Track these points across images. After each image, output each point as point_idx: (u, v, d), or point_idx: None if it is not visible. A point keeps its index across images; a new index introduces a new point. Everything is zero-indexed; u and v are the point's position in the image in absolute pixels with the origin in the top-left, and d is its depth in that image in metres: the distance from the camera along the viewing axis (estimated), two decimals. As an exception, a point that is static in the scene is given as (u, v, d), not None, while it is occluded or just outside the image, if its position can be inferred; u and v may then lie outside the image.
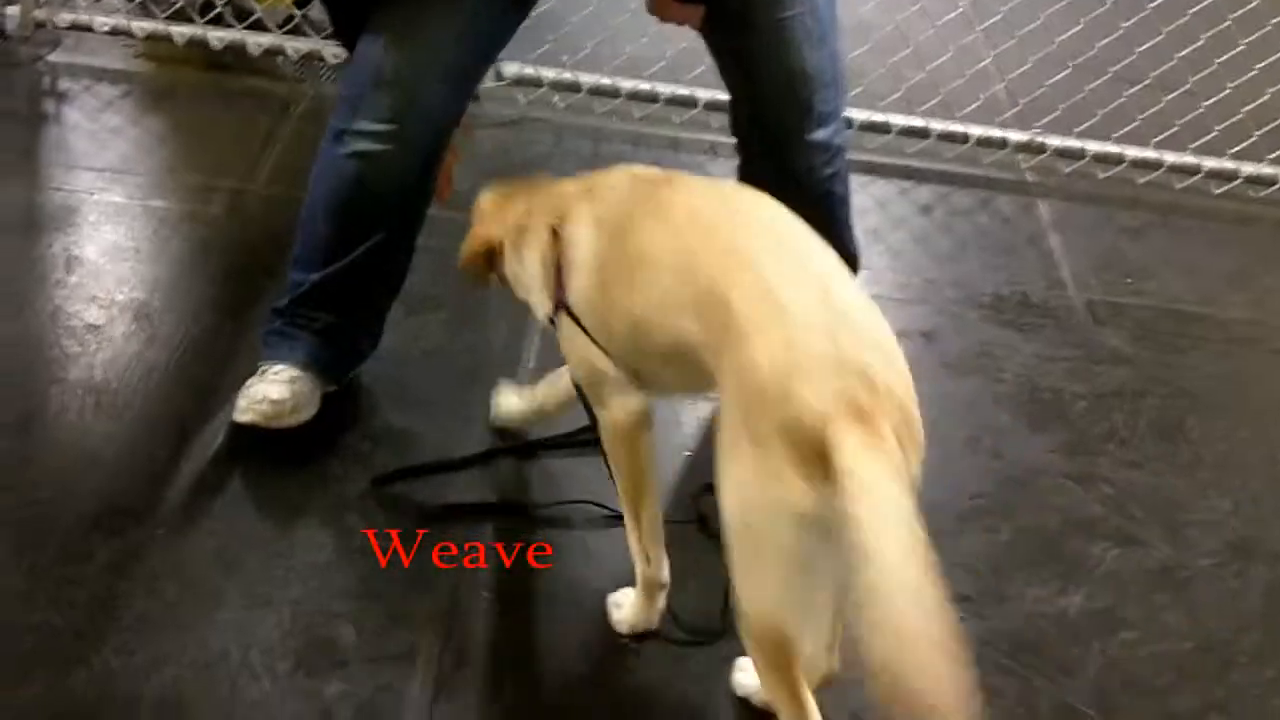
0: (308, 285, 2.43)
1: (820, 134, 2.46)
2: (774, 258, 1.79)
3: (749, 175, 2.56)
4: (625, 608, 2.18)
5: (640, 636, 2.16)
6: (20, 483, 2.30)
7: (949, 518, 2.49)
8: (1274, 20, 3.75)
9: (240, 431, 2.39)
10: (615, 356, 2.00)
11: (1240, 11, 3.79)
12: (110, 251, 2.88)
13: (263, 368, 2.45)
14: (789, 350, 1.66)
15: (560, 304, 2.05)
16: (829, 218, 2.59)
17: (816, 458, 1.61)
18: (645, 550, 2.12)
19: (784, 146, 2.47)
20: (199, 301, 2.77)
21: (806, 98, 2.42)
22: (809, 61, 2.38)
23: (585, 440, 2.40)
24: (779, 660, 1.80)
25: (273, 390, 2.39)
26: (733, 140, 2.54)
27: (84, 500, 2.27)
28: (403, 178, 2.36)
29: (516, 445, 2.51)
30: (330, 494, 2.36)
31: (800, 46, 2.36)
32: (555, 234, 2.06)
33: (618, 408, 2.05)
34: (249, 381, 2.43)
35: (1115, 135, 3.71)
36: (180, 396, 2.51)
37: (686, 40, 2.53)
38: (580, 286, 2.01)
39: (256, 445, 2.40)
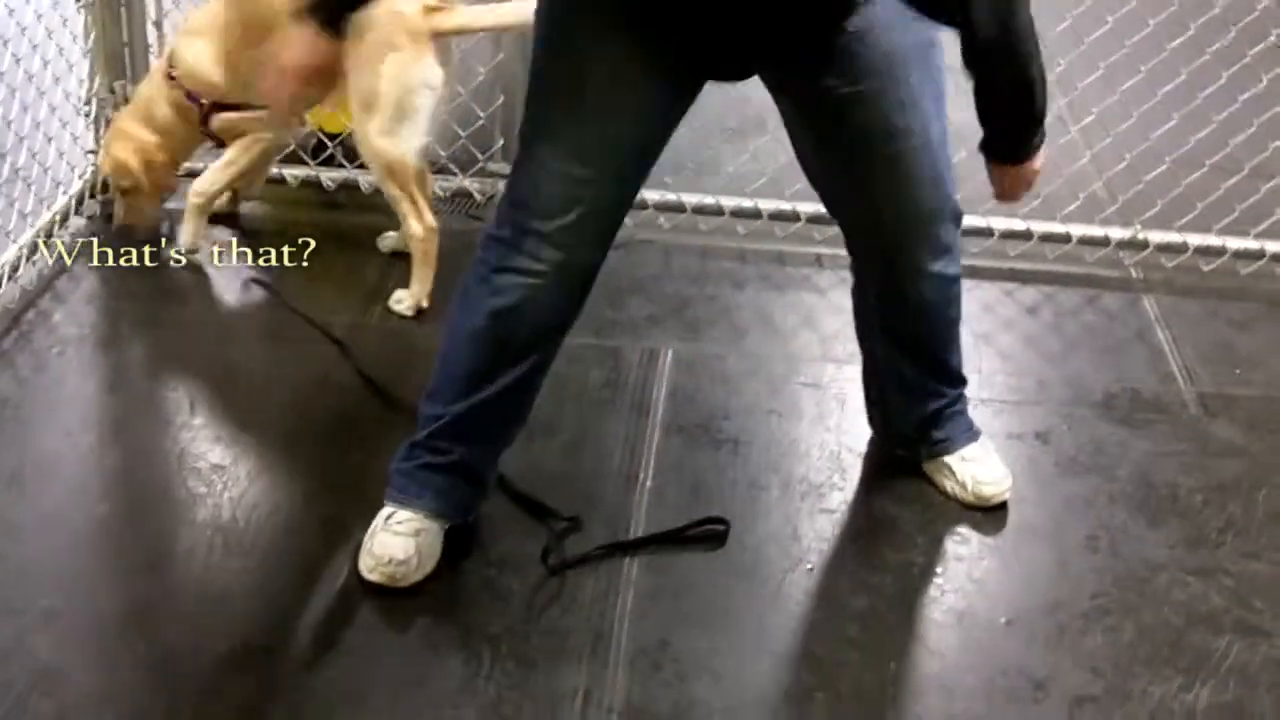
0: (447, 418, 2.45)
1: (937, 266, 2.52)
2: None
3: (862, 295, 2.63)
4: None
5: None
6: (151, 625, 2.36)
7: (1072, 617, 2.48)
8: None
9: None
10: None
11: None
12: (231, 392, 2.98)
13: (388, 511, 2.49)
14: None
15: None
16: (941, 342, 2.64)
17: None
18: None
19: (901, 277, 2.53)
20: (321, 437, 2.85)
21: (927, 232, 2.47)
22: (928, 195, 2.41)
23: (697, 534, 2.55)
24: (409, 181, 3.22)
25: (398, 549, 2.43)
26: (838, 251, 2.59)
27: (215, 639, 2.33)
28: (557, 312, 2.41)
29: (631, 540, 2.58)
30: (458, 622, 2.40)
31: (920, 180, 2.39)
32: None
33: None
34: (373, 528, 2.48)
35: (1217, 227, 3.70)
36: (307, 531, 2.57)
37: (786, 155, 2.59)
38: None
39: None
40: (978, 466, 2.73)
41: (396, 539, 2.45)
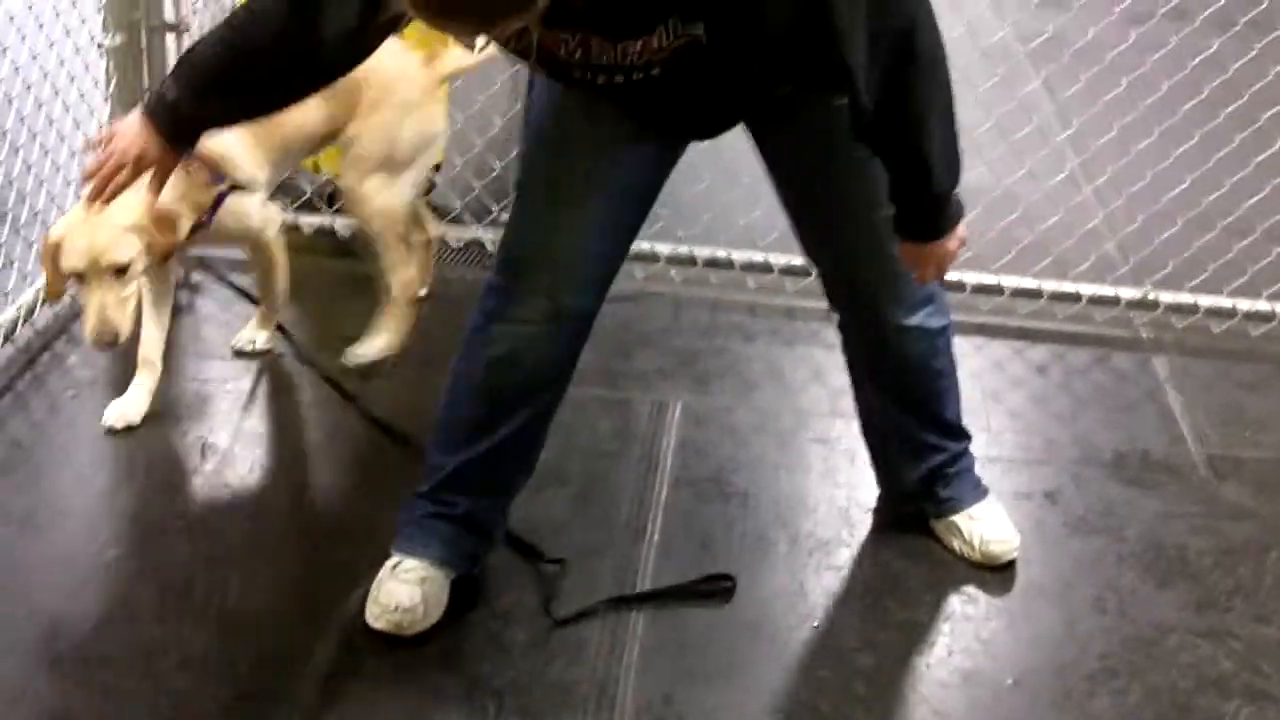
0: (451, 469, 2.47)
1: (916, 319, 2.55)
2: None
3: (850, 347, 2.65)
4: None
5: None
6: (159, 669, 2.36)
7: (1078, 679, 2.47)
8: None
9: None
10: None
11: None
12: (244, 438, 2.99)
13: (396, 560, 2.49)
14: None
15: None
16: (932, 395, 2.66)
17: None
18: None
19: (881, 331, 2.57)
20: (334, 483, 2.86)
21: (903, 289, 2.50)
22: (899, 259, 2.40)
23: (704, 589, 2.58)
24: (408, 229, 3.28)
25: (404, 596, 2.44)
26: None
27: (223, 685, 2.33)
28: (553, 362, 2.43)
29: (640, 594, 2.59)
30: (464, 673, 2.39)
31: (894, 244, 2.38)
32: None
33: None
34: (381, 576, 2.48)
35: (1228, 289, 3.71)
36: (317, 576, 2.58)
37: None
38: None
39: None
40: (985, 525, 2.73)
41: (403, 587, 2.45)
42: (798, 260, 3.66)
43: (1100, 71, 3.92)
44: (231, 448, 2.96)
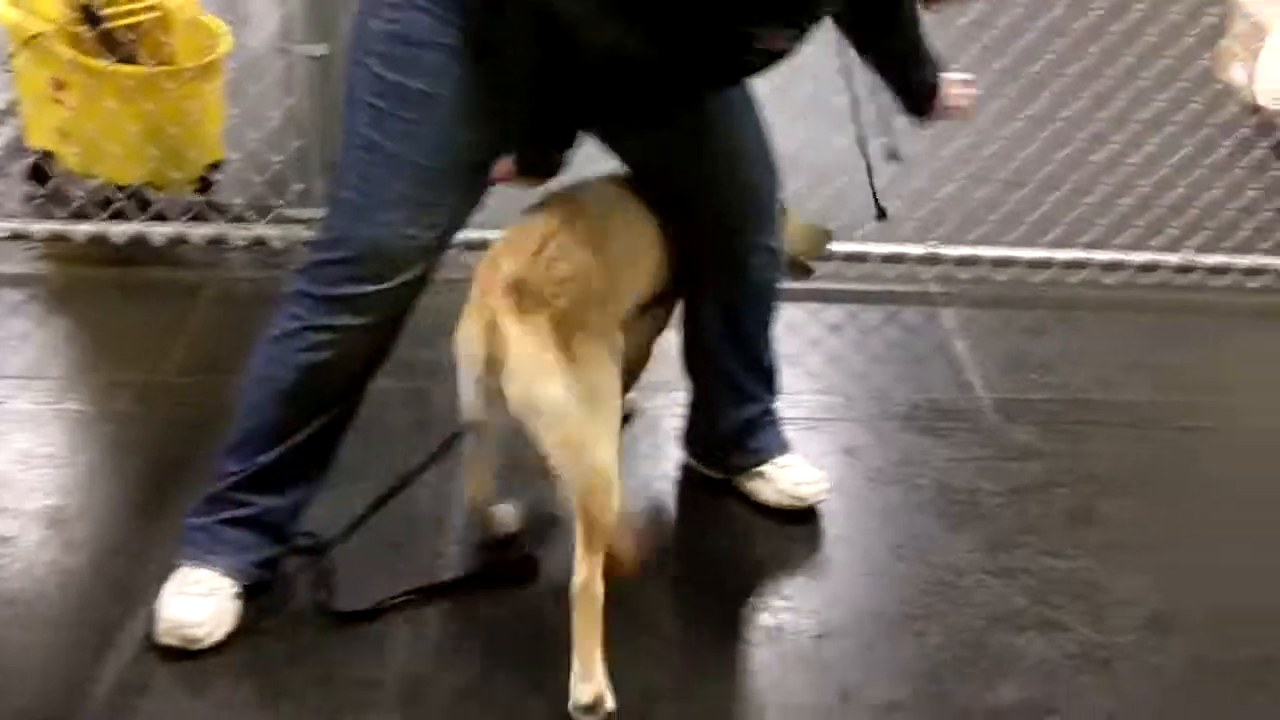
0: (251, 469, 2.38)
1: (766, 239, 2.65)
2: None
3: (698, 282, 2.68)
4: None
5: None
6: (-60, 701, 2.26)
7: (881, 626, 2.53)
8: (1140, 116, 3.91)
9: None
10: None
11: (1108, 112, 3.94)
12: (20, 460, 2.86)
13: (182, 572, 2.41)
14: None
15: None
16: (761, 327, 2.76)
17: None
18: None
19: (739, 253, 2.64)
20: (114, 501, 2.76)
21: (763, 208, 2.65)
22: (764, 175, 2.63)
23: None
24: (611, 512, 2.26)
25: (191, 612, 2.36)
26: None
27: (6, 715, 2.24)
28: (373, 359, 2.38)
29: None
30: (265, 681, 2.34)
31: (754, 161, 2.61)
32: None
33: None
34: (166, 589, 2.39)
35: (1007, 239, 3.81)
36: (100, 599, 2.48)
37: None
38: None
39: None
40: (793, 471, 2.78)
41: (190, 601, 2.37)
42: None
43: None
44: (7, 470, 2.82)
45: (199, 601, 2.37)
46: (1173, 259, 3.86)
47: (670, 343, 2.78)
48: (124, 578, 2.53)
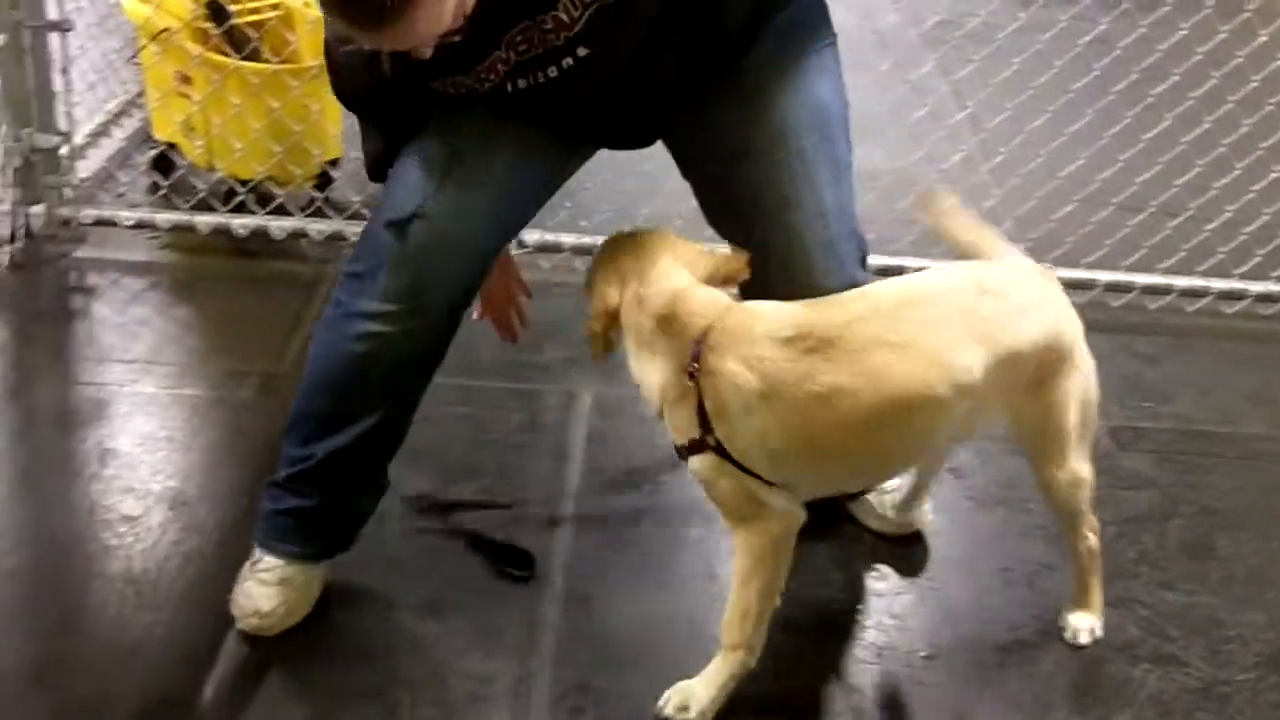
0: (306, 463, 2.39)
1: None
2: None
3: None
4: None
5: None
6: (62, 680, 2.31)
7: (990, 650, 2.51)
8: (1264, 144, 3.84)
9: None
10: (782, 475, 2.15)
11: (1233, 138, 3.87)
12: (144, 442, 2.93)
13: (255, 557, 2.44)
14: None
15: (705, 445, 2.13)
16: None
17: None
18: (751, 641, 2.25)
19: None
20: (233, 486, 2.81)
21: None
22: (820, 263, 2.34)
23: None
24: None
25: (262, 600, 2.40)
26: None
27: (127, 694, 2.29)
28: (409, 361, 2.33)
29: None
30: (376, 671, 2.37)
31: (812, 249, 2.33)
32: (692, 377, 2.12)
33: (778, 520, 2.19)
34: (241, 574, 2.44)
35: (1124, 264, 3.76)
36: (219, 582, 2.51)
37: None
38: (745, 430, 2.10)
39: (302, 625, 2.44)
40: (895, 497, 2.75)
41: (261, 588, 2.41)
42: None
43: (992, 53, 3.96)
44: (131, 453, 2.89)
45: (270, 590, 2.41)
46: (1295, 290, 3.80)
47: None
48: (242, 561, 2.56)
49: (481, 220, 2.30)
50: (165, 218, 3.72)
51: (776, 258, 2.32)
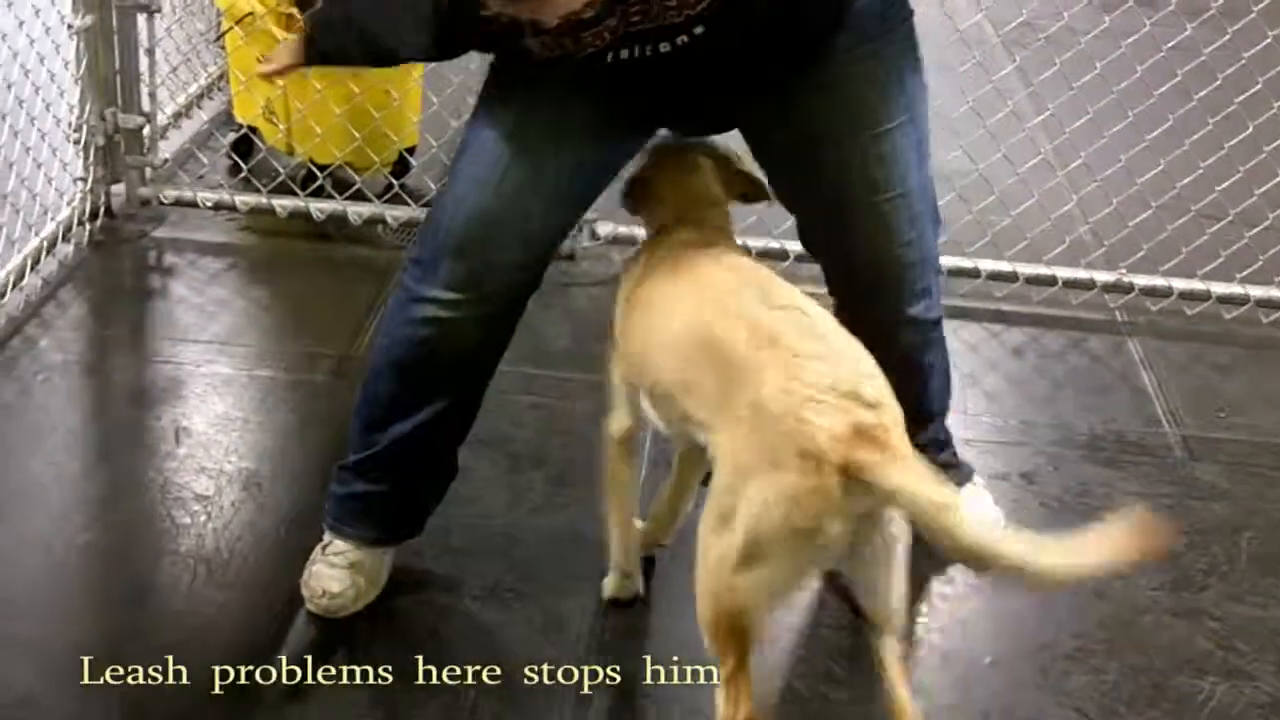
0: (372, 450, 2.40)
1: (915, 310, 2.47)
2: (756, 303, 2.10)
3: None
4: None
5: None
6: (134, 656, 2.33)
7: (1055, 658, 2.49)
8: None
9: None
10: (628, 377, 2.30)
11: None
12: (218, 422, 2.97)
13: (325, 540, 2.47)
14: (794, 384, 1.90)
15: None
16: (919, 384, 2.59)
17: (834, 479, 1.84)
18: (621, 560, 2.47)
19: (880, 322, 2.42)
20: (305, 467, 2.84)
21: (902, 281, 2.43)
22: (905, 248, 2.38)
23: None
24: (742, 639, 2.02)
25: (333, 582, 2.42)
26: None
27: (197, 671, 2.31)
28: (473, 346, 2.34)
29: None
30: (439, 656, 2.38)
31: (897, 233, 2.36)
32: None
33: (615, 422, 2.35)
34: (313, 557, 2.46)
35: (1201, 272, 3.72)
36: (291, 563, 2.54)
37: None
38: (619, 316, 2.32)
39: (367, 609, 2.46)
40: (970, 506, 2.72)
41: (332, 571, 2.43)
42: (775, 244, 3.64)
43: (1073, 57, 3.93)
44: (205, 432, 2.93)
45: (340, 572, 2.43)
46: (1373, 303, 3.74)
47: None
48: (314, 544, 2.58)
49: (545, 207, 2.29)
50: (244, 200, 3.77)
51: (860, 241, 2.38)
